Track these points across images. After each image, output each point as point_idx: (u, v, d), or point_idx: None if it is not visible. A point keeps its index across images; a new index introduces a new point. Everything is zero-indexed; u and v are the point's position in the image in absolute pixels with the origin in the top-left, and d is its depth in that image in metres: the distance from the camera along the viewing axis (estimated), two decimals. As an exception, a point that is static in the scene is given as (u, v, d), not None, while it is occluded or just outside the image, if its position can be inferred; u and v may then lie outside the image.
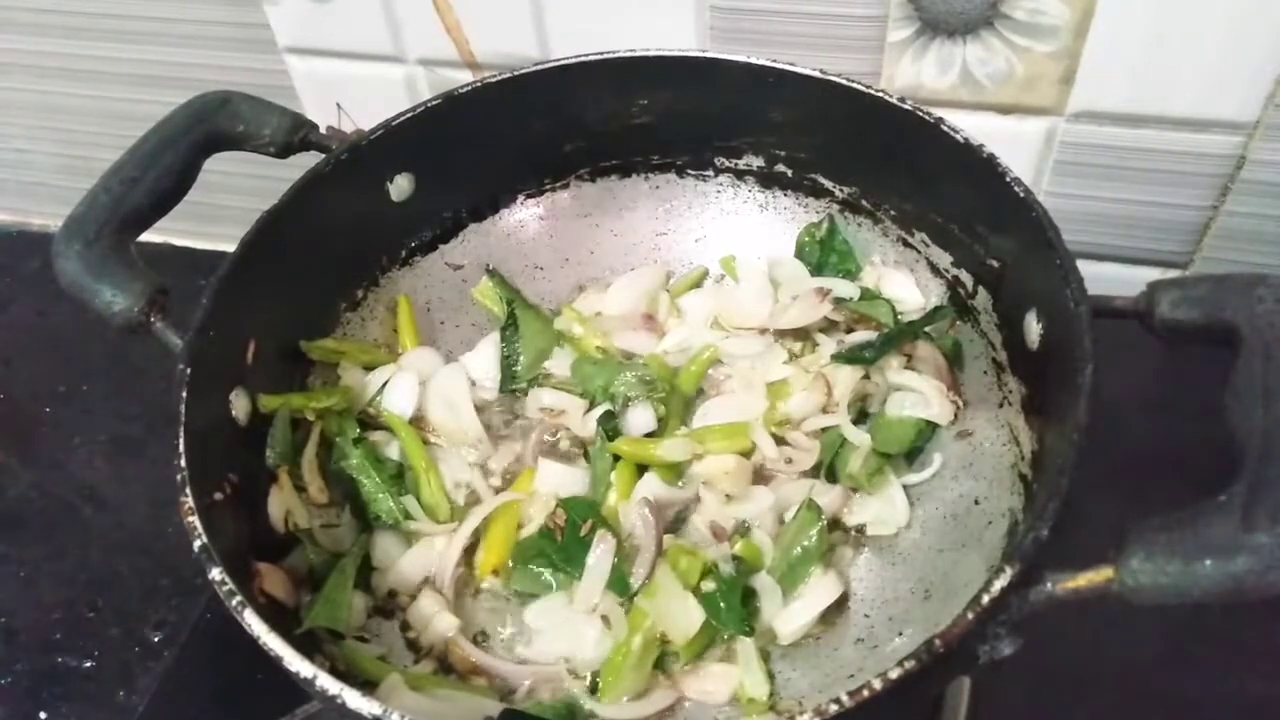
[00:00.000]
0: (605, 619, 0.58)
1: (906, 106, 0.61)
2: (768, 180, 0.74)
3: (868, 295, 0.69)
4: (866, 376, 0.66)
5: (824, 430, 0.65)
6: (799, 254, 0.73)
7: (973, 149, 0.59)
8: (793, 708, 0.56)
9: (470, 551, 0.63)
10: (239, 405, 0.59)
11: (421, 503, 0.64)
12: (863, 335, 0.68)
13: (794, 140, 0.70)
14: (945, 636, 0.42)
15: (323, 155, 0.65)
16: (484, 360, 0.71)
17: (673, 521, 0.63)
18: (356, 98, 0.88)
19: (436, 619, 0.59)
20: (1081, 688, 0.64)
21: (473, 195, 0.74)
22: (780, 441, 0.65)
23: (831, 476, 0.64)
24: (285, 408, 0.62)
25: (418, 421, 0.68)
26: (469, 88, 0.67)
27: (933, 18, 0.71)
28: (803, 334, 0.70)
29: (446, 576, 0.61)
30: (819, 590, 0.58)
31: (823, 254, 0.72)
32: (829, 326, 0.70)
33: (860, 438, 0.64)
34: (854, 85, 0.63)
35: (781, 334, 0.69)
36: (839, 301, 0.68)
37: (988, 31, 0.70)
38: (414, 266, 0.73)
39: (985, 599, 0.42)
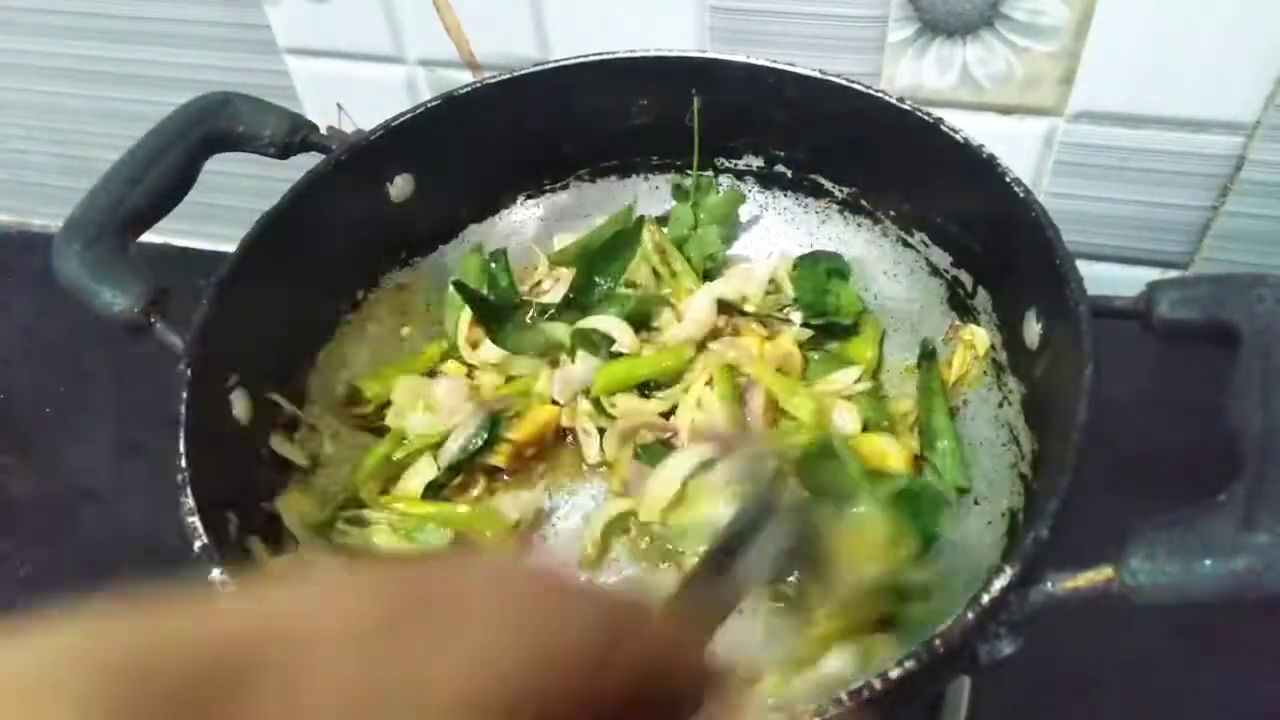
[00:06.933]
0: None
1: (906, 106, 0.62)
2: (767, 180, 0.74)
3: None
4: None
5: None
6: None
7: (973, 149, 0.59)
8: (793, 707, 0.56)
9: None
10: (239, 405, 0.59)
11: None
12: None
13: (794, 140, 0.70)
14: (945, 636, 0.42)
15: (323, 156, 0.65)
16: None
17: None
18: (356, 98, 0.88)
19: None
20: (1081, 688, 0.64)
21: (473, 195, 0.74)
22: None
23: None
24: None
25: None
26: (469, 88, 0.67)
27: (933, 18, 0.71)
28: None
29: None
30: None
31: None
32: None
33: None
34: (854, 85, 0.63)
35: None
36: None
37: (988, 32, 0.70)
38: (414, 267, 0.73)
39: (985, 599, 0.42)
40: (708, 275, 0.72)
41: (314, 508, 0.62)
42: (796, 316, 0.69)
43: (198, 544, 0.48)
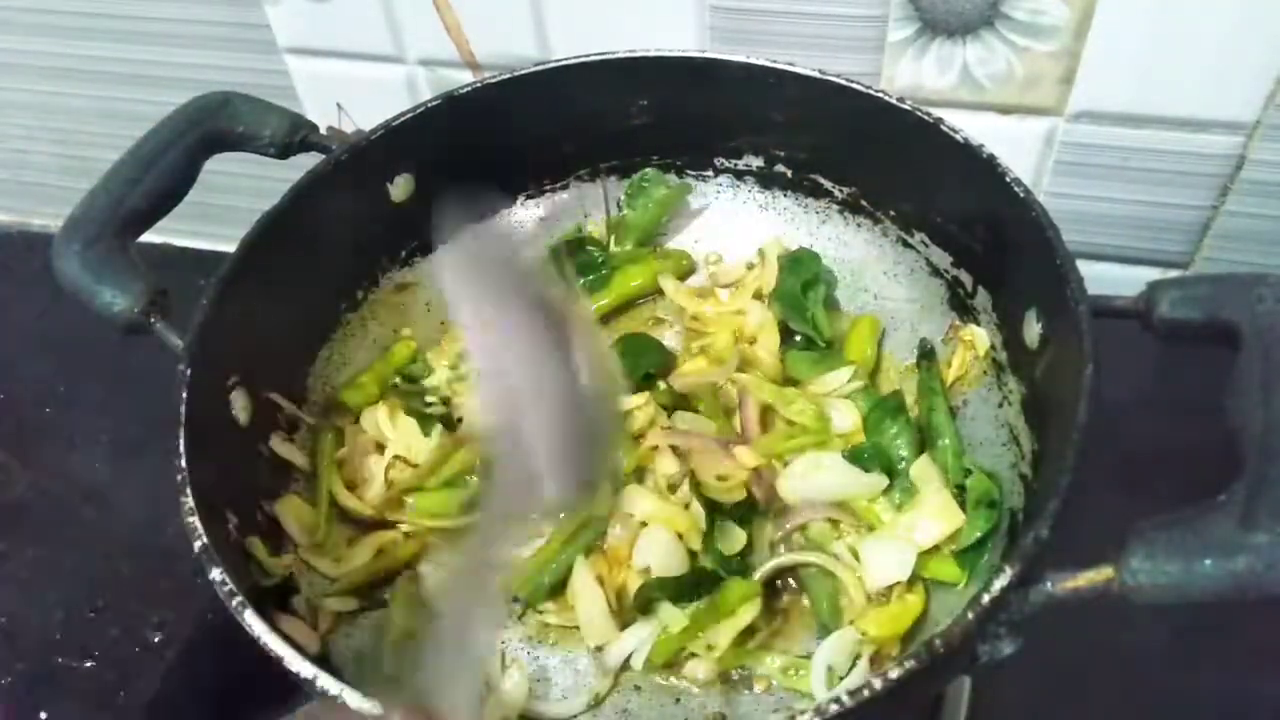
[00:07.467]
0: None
1: (906, 106, 0.62)
2: (767, 180, 0.74)
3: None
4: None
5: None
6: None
7: (973, 149, 0.59)
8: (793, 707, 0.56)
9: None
10: (239, 405, 0.59)
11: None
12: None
13: (794, 140, 0.70)
14: (945, 636, 0.42)
15: (323, 156, 0.65)
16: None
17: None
18: (356, 98, 0.88)
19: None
20: (1081, 688, 0.64)
21: (473, 195, 0.74)
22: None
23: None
24: None
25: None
26: (469, 88, 0.67)
27: (933, 18, 0.71)
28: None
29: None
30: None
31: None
32: None
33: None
34: (854, 85, 0.63)
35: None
36: None
37: (988, 31, 0.70)
38: (414, 266, 0.73)
39: (985, 599, 0.42)
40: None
41: (314, 518, 0.62)
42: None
43: (198, 544, 0.48)
